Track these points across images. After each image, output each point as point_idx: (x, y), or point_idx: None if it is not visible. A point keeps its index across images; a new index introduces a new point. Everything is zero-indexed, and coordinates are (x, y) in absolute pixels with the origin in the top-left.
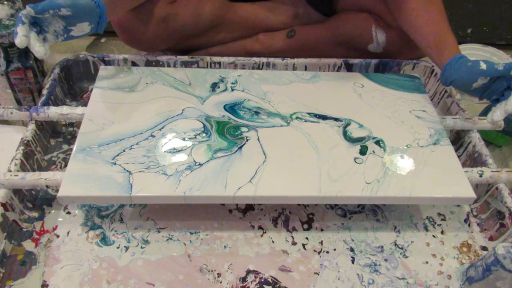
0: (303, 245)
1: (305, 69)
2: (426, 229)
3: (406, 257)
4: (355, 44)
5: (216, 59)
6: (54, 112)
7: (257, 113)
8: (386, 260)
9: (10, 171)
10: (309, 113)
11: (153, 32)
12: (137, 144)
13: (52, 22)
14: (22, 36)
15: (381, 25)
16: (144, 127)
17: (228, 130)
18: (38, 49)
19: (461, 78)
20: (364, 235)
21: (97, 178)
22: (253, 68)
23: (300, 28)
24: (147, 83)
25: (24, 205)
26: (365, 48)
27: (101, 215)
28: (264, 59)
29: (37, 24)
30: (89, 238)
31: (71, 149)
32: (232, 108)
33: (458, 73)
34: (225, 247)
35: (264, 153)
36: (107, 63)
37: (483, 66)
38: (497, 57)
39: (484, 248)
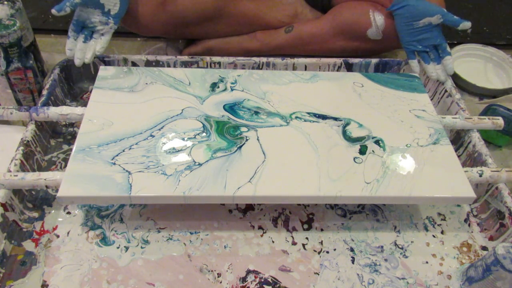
0: (303, 245)
1: (305, 69)
2: (426, 229)
3: (406, 257)
4: (354, 31)
5: (216, 59)
6: (54, 112)
7: (256, 113)
8: (386, 260)
9: (10, 171)
10: (308, 113)
11: (151, 15)
12: (136, 144)
13: (89, 15)
14: (67, 50)
15: (378, 9)
16: (144, 127)
17: (228, 130)
18: (75, 61)
19: (415, 6)
20: (364, 235)
21: (96, 178)
22: (253, 68)
23: (298, 24)
24: (146, 83)
25: (24, 205)
26: (365, 35)
27: (101, 215)
28: (264, 59)
29: (85, 29)
30: (89, 238)
31: (71, 149)
32: (231, 108)
33: (415, 1)
34: (225, 247)
35: (263, 153)
36: (107, 63)
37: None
38: (497, 57)
39: (484, 248)
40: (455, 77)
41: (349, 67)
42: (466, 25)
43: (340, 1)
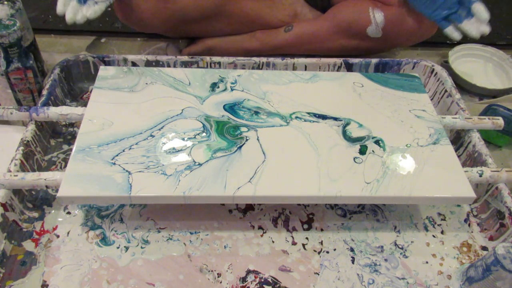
0: (303, 245)
1: (305, 69)
2: (426, 229)
3: (406, 257)
4: (354, 29)
5: (216, 59)
6: (54, 112)
7: (256, 113)
8: (386, 260)
9: (10, 171)
10: (308, 113)
11: (151, 12)
12: (136, 144)
13: None
14: (59, 6)
15: (378, 6)
16: (144, 127)
17: (228, 130)
18: (66, 16)
19: None
20: (364, 235)
21: (96, 178)
22: (253, 68)
23: (298, 23)
24: (146, 83)
25: (24, 205)
26: (365, 33)
27: (101, 215)
28: (264, 59)
29: None
30: (89, 238)
31: (71, 149)
32: (231, 108)
33: None
34: (225, 247)
35: (263, 153)
36: (107, 63)
37: None
38: (497, 57)
39: (484, 248)
40: (455, 77)
41: (349, 67)
42: None
43: (339, 0)
